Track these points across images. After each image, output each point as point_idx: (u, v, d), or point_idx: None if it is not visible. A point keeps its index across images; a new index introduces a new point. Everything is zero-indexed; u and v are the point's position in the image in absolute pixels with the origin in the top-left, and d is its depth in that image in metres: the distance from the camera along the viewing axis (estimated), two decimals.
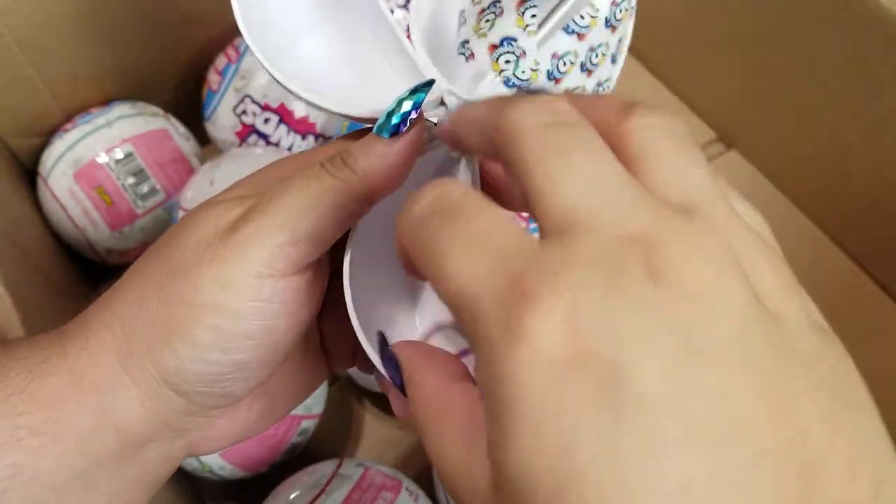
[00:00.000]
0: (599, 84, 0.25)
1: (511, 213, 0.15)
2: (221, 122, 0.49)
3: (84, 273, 0.51)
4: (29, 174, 0.51)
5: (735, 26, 0.52)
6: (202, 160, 0.51)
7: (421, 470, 0.41)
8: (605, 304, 0.13)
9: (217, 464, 0.40)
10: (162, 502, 0.39)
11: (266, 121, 0.48)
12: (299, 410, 0.41)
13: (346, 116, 0.23)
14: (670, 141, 0.16)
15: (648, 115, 0.16)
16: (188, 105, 0.53)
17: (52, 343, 0.21)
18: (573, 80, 0.24)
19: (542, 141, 0.15)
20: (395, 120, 0.21)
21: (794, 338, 0.13)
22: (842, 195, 0.51)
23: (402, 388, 0.19)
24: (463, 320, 0.14)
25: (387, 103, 0.22)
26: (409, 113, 0.21)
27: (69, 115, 0.49)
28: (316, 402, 0.43)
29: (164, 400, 0.21)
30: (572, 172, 0.14)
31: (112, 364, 0.21)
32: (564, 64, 0.24)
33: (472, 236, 0.15)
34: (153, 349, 0.20)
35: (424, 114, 0.22)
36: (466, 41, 0.24)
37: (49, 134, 0.49)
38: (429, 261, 0.15)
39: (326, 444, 0.46)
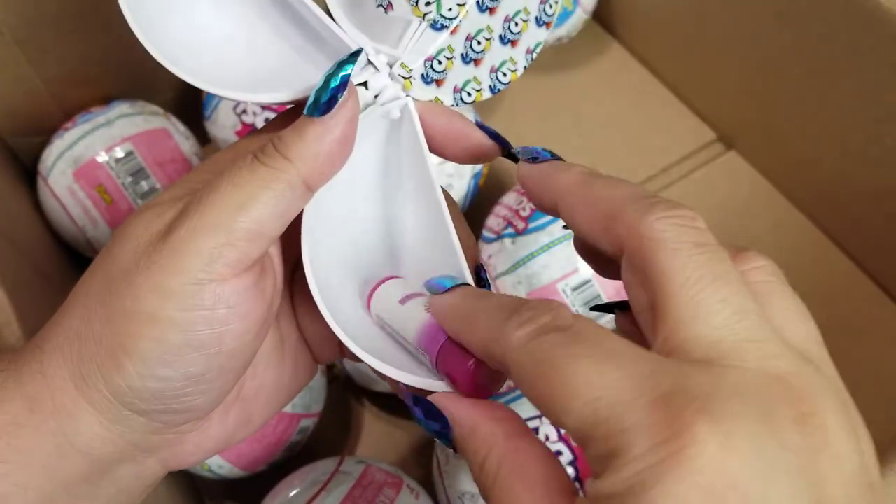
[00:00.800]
0: (545, 1, 0.24)
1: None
2: (222, 121, 0.49)
3: (83, 272, 0.51)
4: (29, 173, 0.51)
5: (735, 26, 0.52)
6: (202, 159, 0.51)
7: (420, 469, 0.41)
8: (758, 442, 0.13)
9: (216, 462, 0.40)
10: (160, 502, 0.39)
11: (266, 120, 0.48)
12: (298, 409, 0.41)
13: (275, 103, 0.22)
14: (785, 287, 0.17)
15: (761, 258, 0.17)
16: (188, 104, 0.53)
17: (6, 367, 0.20)
18: (511, 4, 0.23)
19: (692, 265, 0.16)
20: (323, 98, 0.20)
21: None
22: (842, 195, 0.51)
23: (441, 436, 0.19)
24: (595, 435, 0.14)
25: (308, 82, 0.21)
26: (337, 89, 0.20)
27: (69, 115, 0.49)
28: (315, 401, 0.43)
29: (125, 421, 0.20)
30: (720, 304, 0.15)
31: (68, 388, 0.20)
32: None
33: (607, 354, 0.15)
34: (102, 368, 0.19)
35: (354, 81, 0.21)
36: None
37: (49, 133, 0.49)
38: (550, 377, 0.15)
39: (326, 442, 0.46)
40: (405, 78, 0.23)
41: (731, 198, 0.55)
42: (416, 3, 0.22)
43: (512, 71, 0.24)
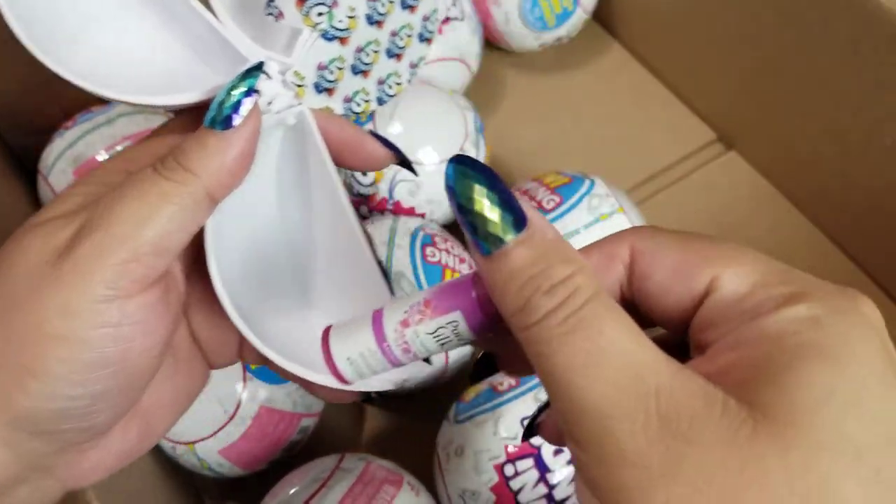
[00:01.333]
0: (426, 18, 0.24)
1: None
2: None
3: None
4: (29, 173, 0.51)
5: (735, 26, 0.52)
6: None
7: (421, 466, 0.41)
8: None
9: (216, 461, 0.40)
10: (159, 501, 0.39)
11: None
12: (299, 409, 0.41)
13: (158, 107, 0.22)
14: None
15: None
16: None
17: None
18: (397, 19, 0.24)
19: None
20: (226, 111, 0.20)
21: None
22: (841, 195, 0.51)
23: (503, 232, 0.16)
24: (771, 280, 0.16)
25: (201, 84, 0.21)
26: (240, 102, 0.20)
27: (69, 113, 0.49)
28: (316, 401, 0.43)
29: (23, 444, 0.19)
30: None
31: None
32: (383, 5, 0.23)
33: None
34: (3, 391, 0.19)
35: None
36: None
37: (49, 132, 0.49)
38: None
39: (326, 442, 0.46)
40: (298, 86, 0.23)
41: (731, 198, 0.55)
42: (308, 13, 0.22)
43: (397, 84, 0.25)
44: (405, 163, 0.24)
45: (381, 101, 0.25)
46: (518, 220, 0.17)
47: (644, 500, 0.14)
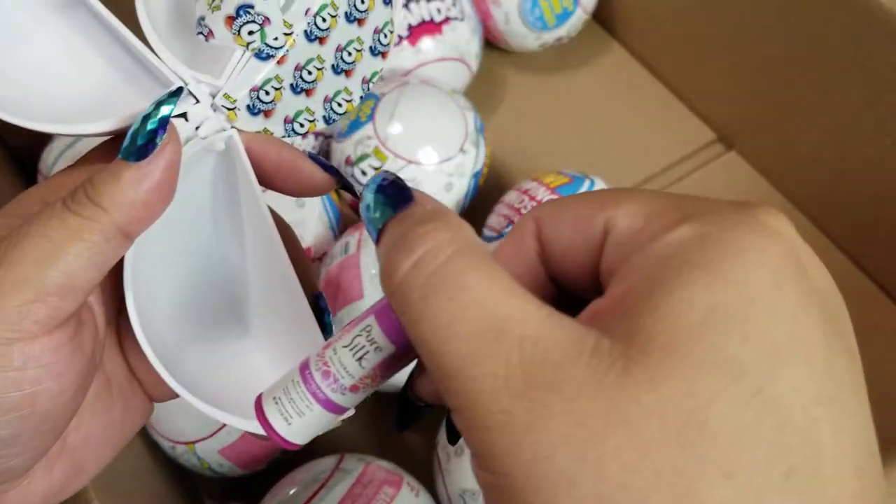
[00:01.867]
0: (378, 31, 0.23)
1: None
2: None
3: None
4: (29, 172, 0.51)
5: (735, 27, 0.52)
6: None
7: (421, 467, 0.41)
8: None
9: (216, 461, 0.40)
10: (159, 501, 0.39)
11: None
12: None
13: (77, 135, 0.21)
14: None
15: None
16: None
17: None
18: (343, 34, 0.22)
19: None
20: (140, 141, 0.19)
21: None
22: (842, 195, 0.51)
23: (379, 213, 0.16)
24: (664, 209, 0.15)
25: (126, 109, 0.20)
26: (155, 131, 0.19)
27: None
28: None
29: None
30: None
31: None
32: (324, 19, 0.22)
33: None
34: None
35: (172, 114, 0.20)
36: (202, 18, 0.21)
37: None
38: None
39: (326, 442, 0.46)
40: (229, 109, 0.22)
41: (731, 198, 0.54)
42: (239, 31, 0.21)
43: (347, 101, 0.23)
44: (347, 187, 0.23)
45: (327, 120, 0.23)
46: (401, 200, 0.16)
47: (510, 461, 0.13)
